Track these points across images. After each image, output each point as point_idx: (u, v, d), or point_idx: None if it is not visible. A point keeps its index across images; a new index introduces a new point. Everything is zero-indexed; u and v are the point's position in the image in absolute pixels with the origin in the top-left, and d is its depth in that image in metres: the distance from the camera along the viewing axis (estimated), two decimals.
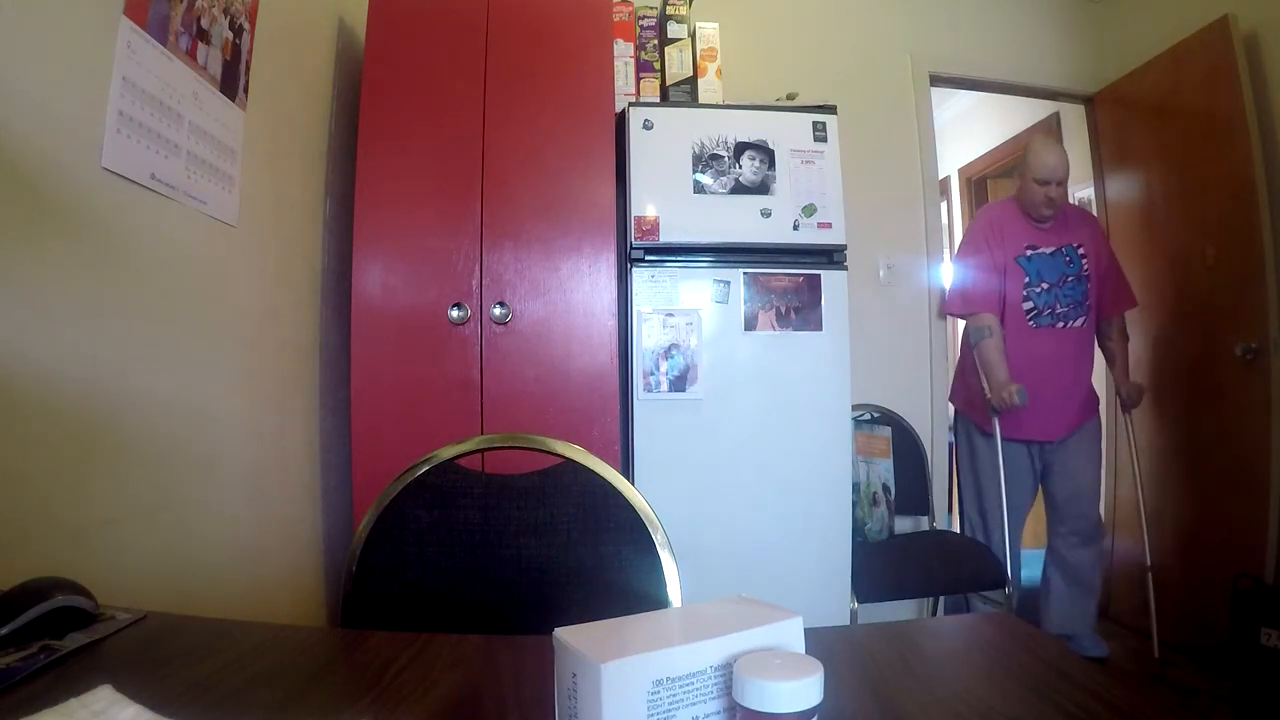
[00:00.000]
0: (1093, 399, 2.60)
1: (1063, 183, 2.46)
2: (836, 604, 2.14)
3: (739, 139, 2.18)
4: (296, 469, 1.80)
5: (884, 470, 2.51)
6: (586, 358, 1.95)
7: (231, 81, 1.47)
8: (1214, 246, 2.62)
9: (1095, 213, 3.14)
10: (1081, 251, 2.54)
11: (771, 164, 2.19)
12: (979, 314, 2.52)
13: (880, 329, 2.83)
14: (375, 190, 1.91)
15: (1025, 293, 2.52)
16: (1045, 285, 2.51)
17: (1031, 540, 2.82)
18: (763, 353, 2.15)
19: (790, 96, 2.53)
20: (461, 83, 1.97)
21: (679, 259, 2.14)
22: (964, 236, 2.78)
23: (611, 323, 1.97)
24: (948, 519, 2.91)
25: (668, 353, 2.11)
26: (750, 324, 2.15)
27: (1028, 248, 2.53)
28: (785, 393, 2.15)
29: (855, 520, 2.30)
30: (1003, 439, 2.48)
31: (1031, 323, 2.51)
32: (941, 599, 2.66)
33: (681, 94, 2.47)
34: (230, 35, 1.45)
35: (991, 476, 2.52)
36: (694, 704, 0.39)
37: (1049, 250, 2.53)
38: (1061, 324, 2.51)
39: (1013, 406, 2.34)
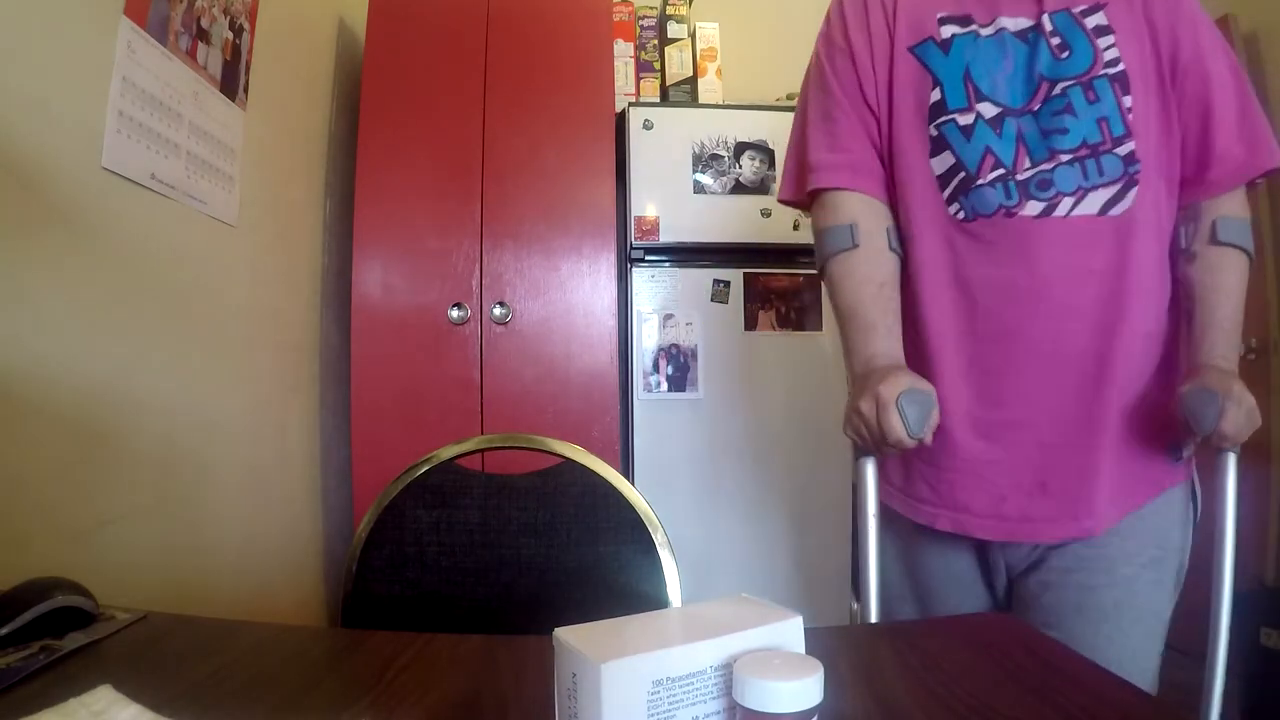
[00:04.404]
0: (1162, 427, 0.95)
1: None
2: (836, 604, 2.14)
3: (739, 139, 2.18)
4: (296, 469, 1.80)
5: None
6: (586, 358, 1.95)
7: (231, 81, 1.47)
8: None
9: None
10: (1097, 21, 0.95)
11: (771, 164, 2.19)
12: (831, 194, 1.04)
13: None
14: (375, 190, 1.91)
15: (936, 129, 0.98)
16: (994, 110, 0.96)
17: None
18: (763, 353, 2.15)
19: (790, 96, 2.53)
20: (461, 83, 1.97)
21: (679, 259, 2.14)
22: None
23: (611, 323, 1.97)
24: None
25: (668, 353, 2.11)
26: (750, 324, 2.15)
27: (946, 19, 1.00)
28: (785, 393, 2.15)
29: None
30: (930, 532, 1.01)
31: (956, 210, 0.97)
32: None
33: (681, 94, 2.47)
34: (230, 35, 1.45)
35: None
36: (694, 704, 0.39)
37: (1009, 27, 0.98)
38: (1041, 204, 0.93)
39: (898, 444, 0.91)
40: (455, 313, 1.90)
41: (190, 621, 0.72)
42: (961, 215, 0.96)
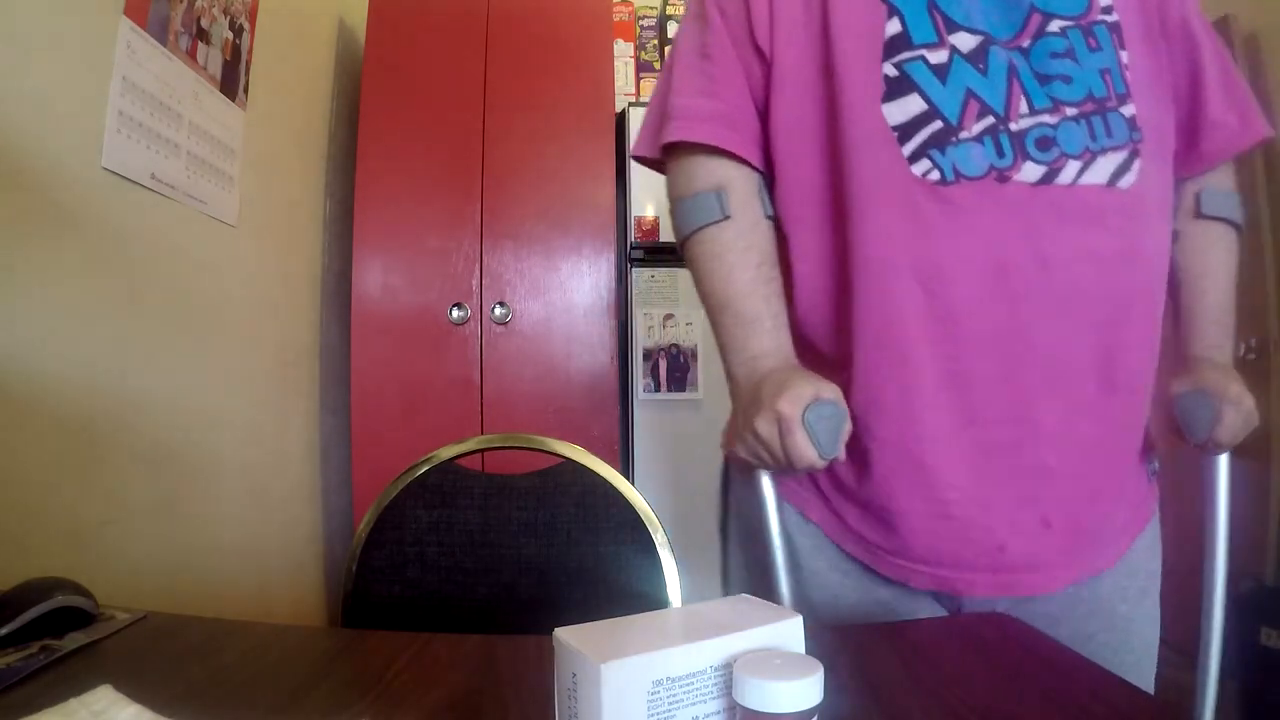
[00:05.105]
0: (1138, 449, 0.82)
1: None
2: None
3: None
4: (296, 469, 1.80)
5: None
6: (586, 358, 1.95)
7: (231, 81, 1.47)
8: None
9: None
10: None
11: None
12: (694, 155, 0.83)
13: None
14: (375, 190, 1.91)
15: (896, 69, 0.74)
16: (974, 40, 0.73)
17: None
18: None
19: None
20: (461, 83, 1.97)
21: (679, 259, 2.14)
22: None
23: (611, 323, 1.97)
24: None
25: (668, 352, 2.11)
26: None
27: None
28: None
29: None
30: (879, 575, 0.80)
31: (927, 170, 0.72)
32: None
33: None
34: (230, 35, 1.45)
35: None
36: (694, 704, 0.39)
37: None
38: (1041, 168, 0.71)
39: (808, 468, 0.71)
40: (455, 313, 1.90)
41: (190, 621, 0.72)
42: (935, 177, 0.72)
